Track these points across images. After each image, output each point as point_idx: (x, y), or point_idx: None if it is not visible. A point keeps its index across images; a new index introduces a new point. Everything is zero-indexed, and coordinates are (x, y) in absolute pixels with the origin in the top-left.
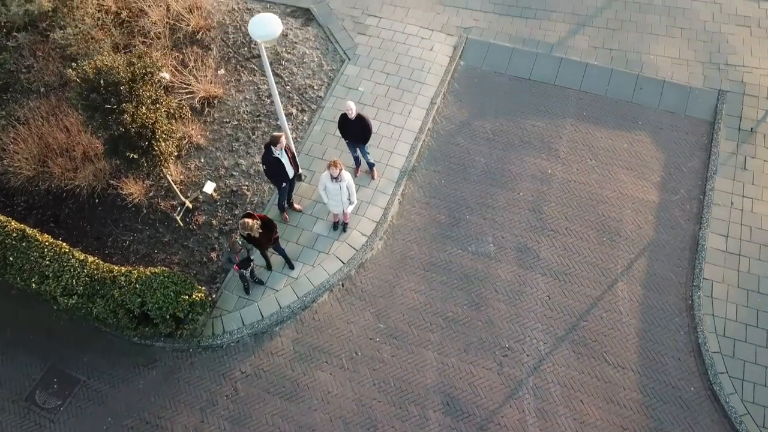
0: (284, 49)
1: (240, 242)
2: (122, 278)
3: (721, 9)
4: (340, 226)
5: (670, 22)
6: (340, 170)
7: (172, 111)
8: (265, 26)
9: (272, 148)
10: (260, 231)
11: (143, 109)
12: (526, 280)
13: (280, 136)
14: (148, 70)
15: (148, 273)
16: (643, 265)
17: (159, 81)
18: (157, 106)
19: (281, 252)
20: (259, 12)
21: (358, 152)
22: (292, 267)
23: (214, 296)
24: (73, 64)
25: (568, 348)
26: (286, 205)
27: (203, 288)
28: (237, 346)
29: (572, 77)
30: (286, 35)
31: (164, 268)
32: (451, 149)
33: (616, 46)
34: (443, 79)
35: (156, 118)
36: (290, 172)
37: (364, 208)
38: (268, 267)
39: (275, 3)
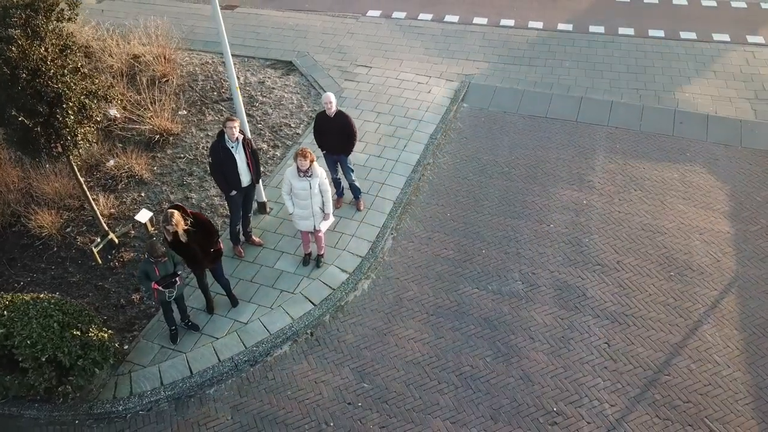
0: (259, 93)
1: (163, 248)
2: None
3: (754, 55)
4: (312, 260)
5: (700, 67)
6: (311, 162)
7: (95, 89)
8: None
9: (224, 135)
10: (191, 230)
11: (42, 50)
12: (573, 323)
13: (233, 119)
14: (57, 2)
15: (26, 298)
16: (732, 304)
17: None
18: (69, 59)
19: (223, 283)
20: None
21: (339, 171)
22: (235, 303)
23: (126, 347)
24: None
25: (648, 412)
26: (241, 236)
27: (109, 331)
28: (148, 415)
29: (597, 114)
30: (263, 82)
31: (53, 295)
32: (457, 183)
33: (643, 86)
34: (444, 117)
35: (65, 74)
36: (245, 178)
37: (347, 240)
38: (209, 308)
39: (254, 57)
